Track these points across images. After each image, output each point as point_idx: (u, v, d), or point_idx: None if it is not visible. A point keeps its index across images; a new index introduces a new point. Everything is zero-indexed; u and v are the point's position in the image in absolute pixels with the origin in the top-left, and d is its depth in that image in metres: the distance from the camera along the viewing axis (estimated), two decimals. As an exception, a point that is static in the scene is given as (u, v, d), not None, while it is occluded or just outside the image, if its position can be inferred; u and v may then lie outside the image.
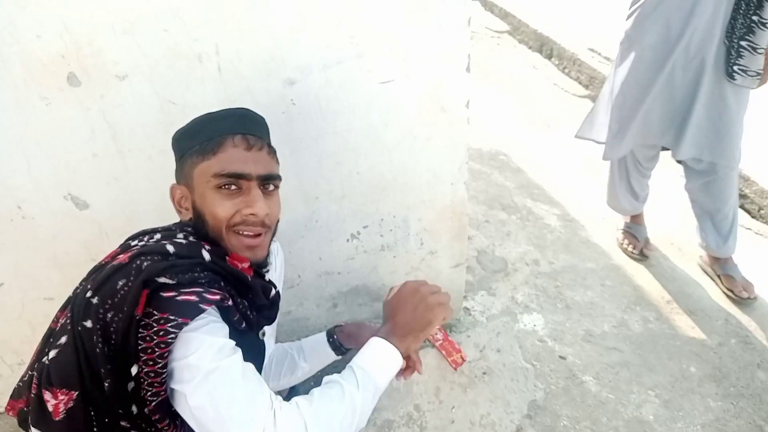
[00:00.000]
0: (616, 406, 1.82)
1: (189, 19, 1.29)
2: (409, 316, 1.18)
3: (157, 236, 1.15)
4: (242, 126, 1.16)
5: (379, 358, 1.13)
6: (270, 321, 1.27)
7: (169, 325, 0.95)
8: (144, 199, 1.50)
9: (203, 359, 0.97)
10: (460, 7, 1.44)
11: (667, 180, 3.01)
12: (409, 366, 1.25)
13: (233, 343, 1.03)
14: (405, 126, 1.57)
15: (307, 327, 1.83)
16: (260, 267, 1.20)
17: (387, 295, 1.29)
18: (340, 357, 1.52)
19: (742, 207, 2.88)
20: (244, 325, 1.12)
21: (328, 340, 1.52)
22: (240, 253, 1.14)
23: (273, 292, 1.25)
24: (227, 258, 1.12)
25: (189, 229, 1.16)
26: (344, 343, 1.51)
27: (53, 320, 1.12)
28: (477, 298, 2.15)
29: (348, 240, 1.72)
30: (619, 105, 2.15)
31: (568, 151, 3.20)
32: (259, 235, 1.16)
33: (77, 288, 1.10)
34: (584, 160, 3.12)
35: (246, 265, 1.14)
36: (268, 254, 1.21)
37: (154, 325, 0.95)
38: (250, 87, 1.41)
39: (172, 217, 1.47)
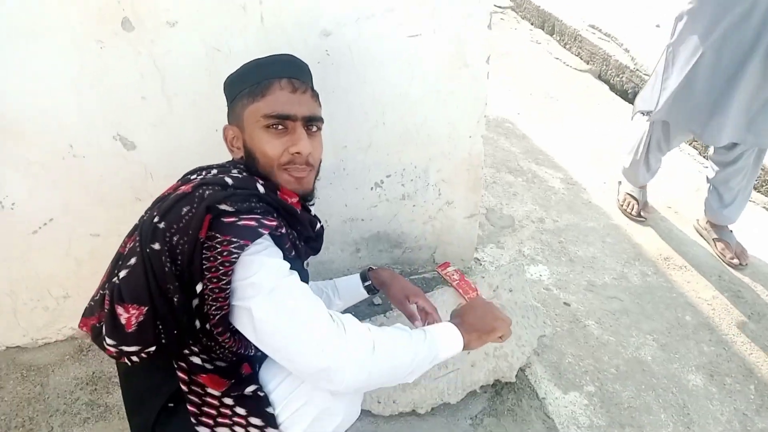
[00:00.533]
0: (616, 347, 1.96)
1: (237, -31, 1.39)
2: (479, 320, 1.34)
3: (214, 171, 1.26)
4: (288, 70, 1.26)
5: (447, 337, 1.27)
6: (315, 252, 1.39)
7: (232, 246, 1.05)
8: (187, 142, 1.61)
9: (266, 278, 1.08)
10: (485, -34, 1.55)
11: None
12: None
13: (289, 265, 1.14)
14: (429, 80, 1.68)
15: (332, 269, 1.95)
16: (306, 200, 1.32)
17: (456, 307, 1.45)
18: (369, 295, 1.64)
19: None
20: (293, 253, 1.23)
21: (363, 283, 1.62)
22: (288, 187, 1.25)
23: (318, 225, 1.37)
24: (278, 192, 1.23)
25: (241, 166, 1.26)
26: (377, 287, 1.62)
27: (121, 245, 1.22)
28: (486, 250, 2.28)
29: (372, 188, 1.84)
30: (679, 86, 2.15)
31: (568, 121, 3.33)
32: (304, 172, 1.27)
33: (143, 216, 1.20)
34: (582, 130, 3.25)
35: (295, 199, 1.26)
36: (313, 189, 1.33)
37: (218, 246, 1.05)
38: (289, 37, 1.52)
39: (214, 160, 1.59)
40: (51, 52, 1.41)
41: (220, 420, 1.15)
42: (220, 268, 1.06)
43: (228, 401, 1.16)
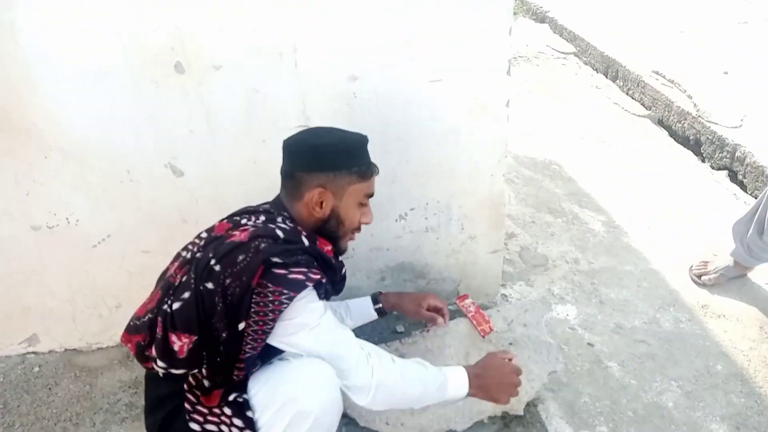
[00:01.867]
0: (637, 390, 1.95)
1: (273, 21, 1.57)
2: (491, 386, 1.61)
3: (262, 218, 1.43)
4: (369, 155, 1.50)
5: (458, 384, 1.58)
6: (338, 293, 1.58)
7: (283, 297, 1.25)
8: (228, 172, 1.79)
9: (309, 318, 1.32)
10: (503, 17, 1.66)
11: (717, 195, 3.09)
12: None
13: (324, 305, 1.37)
14: (450, 121, 1.79)
15: (358, 295, 2.05)
16: (341, 254, 1.54)
17: (498, 351, 1.71)
18: (379, 317, 1.81)
19: None
20: (324, 295, 1.41)
21: (374, 305, 1.79)
22: (344, 246, 1.53)
23: (343, 270, 1.56)
24: (317, 242, 1.44)
25: (285, 213, 1.45)
26: (387, 309, 1.79)
27: (170, 274, 1.38)
28: (515, 287, 2.33)
29: (396, 220, 1.96)
30: None
31: (619, 166, 3.33)
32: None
33: (193, 251, 1.38)
34: (634, 175, 3.23)
35: (329, 247, 1.47)
36: None
37: (269, 295, 1.25)
38: (320, 81, 1.69)
39: (249, 188, 1.77)
40: (114, 90, 1.64)
41: (209, 418, 1.32)
42: (269, 314, 1.26)
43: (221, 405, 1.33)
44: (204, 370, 1.32)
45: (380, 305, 1.78)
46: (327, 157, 1.41)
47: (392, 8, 1.60)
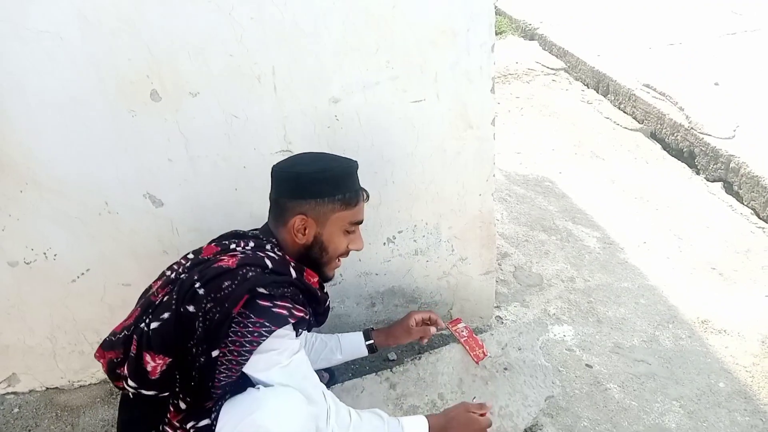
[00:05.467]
0: (638, 412, 1.89)
1: (250, 44, 1.54)
2: None
3: (251, 244, 1.40)
4: (359, 182, 1.48)
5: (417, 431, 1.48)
6: (320, 324, 1.54)
7: (263, 329, 1.23)
8: (209, 200, 1.75)
9: (281, 356, 1.29)
10: (486, 35, 1.63)
11: (713, 207, 3.05)
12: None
13: (299, 343, 1.34)
14: (435, 141, 1.76)
15: (348, 323, 2.01)
16: (326, 281, 1.51)
17: (473, 403, 1.60)
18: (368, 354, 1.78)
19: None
20: (306, 328, 1.39)
21: (365, 341, 1.76)
22: (330, 273, 1.49)
23: (327, 302, 1.53)
24: (304, 274, 1.41)
25: (274, 240, 1.42)
26: (378, 346, 1.77)
27: (152, 293, 1.35)
28: (510, 309, 2.28)
29: (385, 243, 1.91)
30: None
31: (613, 181, 3.29)
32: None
33: (178, 271, 1.35)
34: (628, 190, 3.20)
35: (315, 279, 1.45)
36: None
37: (249, 326, 1.22)
38: (301, 104, 1.65)
39: (231, 217, 1.73)
40: (90, 120, 1.60)
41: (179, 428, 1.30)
42: (246, 345, 1.23)
43: (186, 426, 1.31)
44: (180, 393, 1.29)
45: (372, 341, 1.77)
46: (309, 185, 1.39)
47: (371, 29, 1.57)
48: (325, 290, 1.52)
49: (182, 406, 1.29)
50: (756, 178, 3.21)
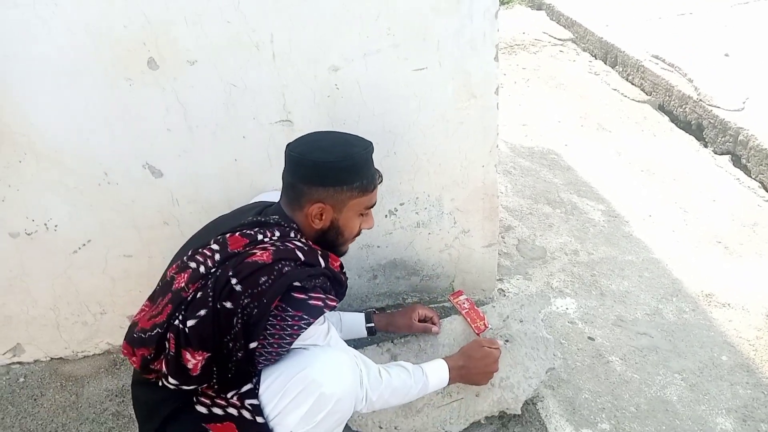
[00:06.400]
0: (640, 385, 1.89)
1: (248, 11, 1.51)
2: (472, 374, 1.61)
3: (277, 234, 1.38)
4: (375, 165, 1.46)
5: (438, 377, 1.56)
6: (341, 298, 1.55)
7: (302, 322, 1.27)
8: (208, 170, 1.73)
9: (318, 340, 1.37)
10: (489, 1, 1.59)
11: (720, 180, 3.01)
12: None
13: (327, 324, 1.42)
14: (438, 110, 1.73)
15: (350, 295, 1.99)
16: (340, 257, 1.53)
17: (484, 338, 1.71)
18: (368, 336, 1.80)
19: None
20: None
21: (366, 323, 1.78)
22: (344, 250, 1.52)
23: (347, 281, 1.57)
24: (329, 260, 1.44)
25: (294, 225, 1.42)
26: (379, 329, 1.78)
27: (180, 287, 1.31)
28: (513, 281, 2.27)
29: (386, 216, 1.89)
30: None
31: (619, 153, 3.25)
32: None
33: (207, 265, 1.32)
34: (634, 162, 3.16)
35: (338, 264, 1.49)
36: None
37: (288, 319, 1.25)
38: (300, 72, 1.62)
39: (230, 188, 1.71)
40: (87, 89, 1.58)
41: (217, 401, 1.32)
42: (286, 337, 1.27)
43: (228, 396, 1.33)
44: (215, 385, 1.31)
45: (372, 324, 1.77)
46: (329, 173, 1.37)
47: (372, -6, 1.53)
48: (344, 271, 1.54)
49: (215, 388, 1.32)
50: (765, 150, 3.15)
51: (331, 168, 1.36)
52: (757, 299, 2.26)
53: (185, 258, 1.36)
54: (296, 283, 1.27)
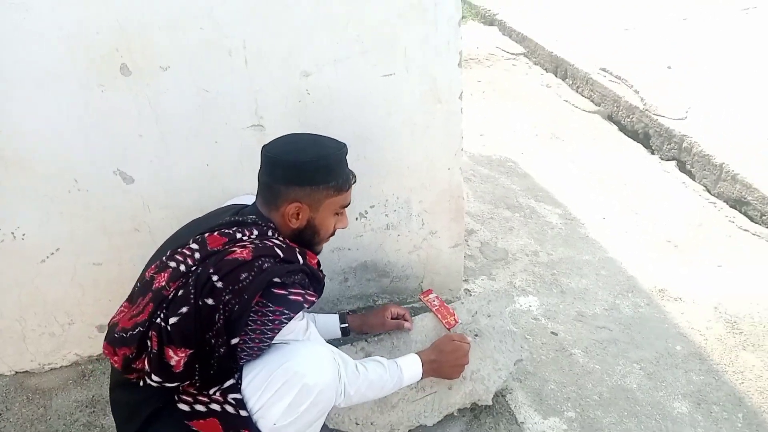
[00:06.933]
0: (601, 375, 1.98)
1: (221, 18, 1.55)
2: (444, 368, 1.66)
3: (255, 232, 1.41)
4: (348, 167, 1.51)
5: (412, 372, 1.60)
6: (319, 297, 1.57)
7: (283, 317, 1.29)
8: (180, 175, 1.75)
9: (298, 335, 1.39)
10: (452, 9, 1.67)
11: (667, 184, 3.18)
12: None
13: (306, 321, 1.44)
14: (405, 115, 1.79)
15: (321, 298, 2.01)
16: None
17: (455, 333, 1.76)
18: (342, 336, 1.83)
19: (744, 213, 3.02)
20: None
21: (340, 323, 1.81)
22: (318, 249, 1.55)
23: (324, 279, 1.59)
24: (307, 257, 1.47)
25: (271, 224, 1.45)
26: (353, 331, 1.82)
27: (161, 286, 1.32)
28: (477, 282, 2.34)
29: (357, 218, 1.94)
30: None
31: (573, 161, 3.39)
32: None
33: (187, 264, 1.33)
34: (587, 169, 3.31)
35: (315, 260, 1.53)
36: None
37: (269, 314, 1.28)
38: (272, 78, 1.66)
39: (203, 193, 1.74)
40: (59, 96, 1.58)
41: (199, 398, 1.33)
42: (267, 332, 1.29)
43: (210, 392, 1.34)
44: (197, 382, 1.33)
45: (346, 324, 1.81)
46: (304, 173, 1.41)
47: (341, 3, 1.59)
48: (321, 268, 1.57)
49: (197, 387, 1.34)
50: (707, 156, 3.35)
51: (308, 168, 1.40)
52: (706, 293, 2.39)
53: (164, 258, 1.38)
54: (276, 279, 1.30)
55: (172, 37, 1.56)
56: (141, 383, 1.33)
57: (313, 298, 1.36)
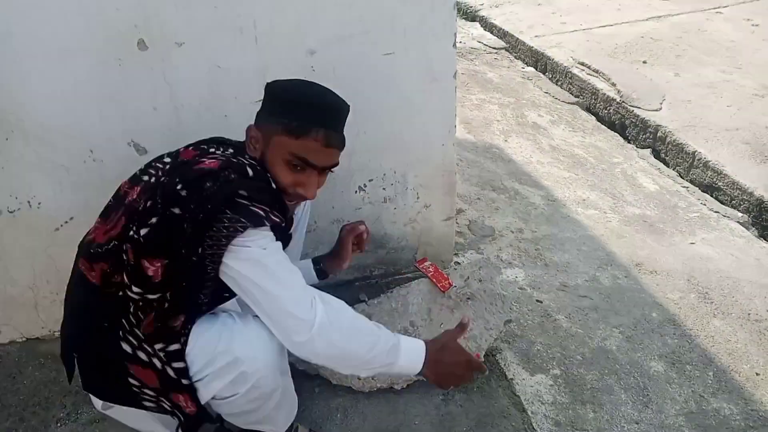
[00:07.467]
0: (583, 338, 2.12)
1: (234, -3, 1.65)
2: (447, 371, 1.42)
3: (230, 150, 1.42)
4: (328, 122, 1.36)
5: (412, 356, 1.39)
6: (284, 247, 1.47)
7: (239, 225, 1.23)
8: (191, 148, 1.84)
9: (259, 254, 1.27)
10: (447, -9, 1.80)
11: (643, 170, 3.35)
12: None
13: (279, 246, 1.33)
14: (403, 92, 1.91)
15: (321, 267, 2.15)
16: None
17: (466, 326, 1.50)
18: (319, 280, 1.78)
19: (715, 198, 3.21)
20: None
21: (315, 267, 1.78)
22: (289, 201, 1.41)
23: (291, 228, 1.51)
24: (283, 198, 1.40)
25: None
26: (326, 269, 1.79)
27: (133, 199, 1.34)
28: (467, 255, 2.47)
29: (356, 192, 2.05)
30: None
31: (554, 148, 3.55)
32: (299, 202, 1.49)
33: (158, 176, 1.36)
34: (568, 155, 3.46)
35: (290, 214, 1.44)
36: None
37: (225, 221, 1.23)
38: (279, 55, 1.77)
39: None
40: (77, 69, 1.67)
41: (144, 345, 1.32)
42: (222, 239, 1.23)
43: (155, 347, 1.33)
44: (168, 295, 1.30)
45: (320, 265, 1.78)
46: (271, 100, 1.39)
47: (346, -15, 1.71)
48: (292, 216, 1.50)
49: (166, 305, 1.30)
50: (680, 145, 3.54)
51: (275, 95, 1.38)
52: (679, 267, 2.56)
53: (138, 172, 1.41)
54: (242, 192, 1.26)
55: (187, 15, 1.65)
56: (120, 293, 1.31)
57: (277, 219, 1.30)
